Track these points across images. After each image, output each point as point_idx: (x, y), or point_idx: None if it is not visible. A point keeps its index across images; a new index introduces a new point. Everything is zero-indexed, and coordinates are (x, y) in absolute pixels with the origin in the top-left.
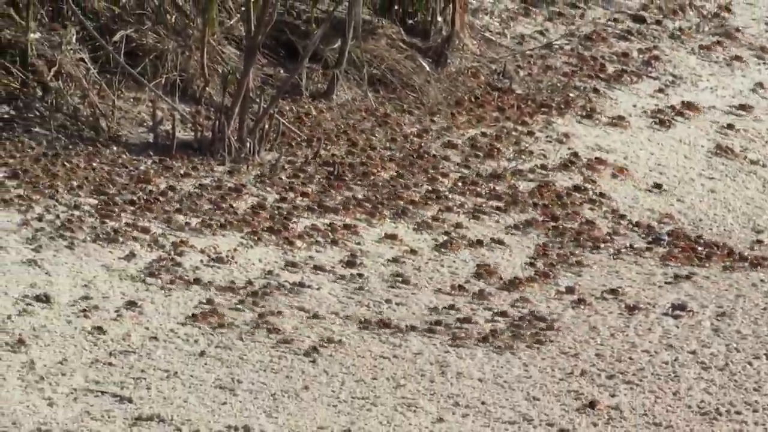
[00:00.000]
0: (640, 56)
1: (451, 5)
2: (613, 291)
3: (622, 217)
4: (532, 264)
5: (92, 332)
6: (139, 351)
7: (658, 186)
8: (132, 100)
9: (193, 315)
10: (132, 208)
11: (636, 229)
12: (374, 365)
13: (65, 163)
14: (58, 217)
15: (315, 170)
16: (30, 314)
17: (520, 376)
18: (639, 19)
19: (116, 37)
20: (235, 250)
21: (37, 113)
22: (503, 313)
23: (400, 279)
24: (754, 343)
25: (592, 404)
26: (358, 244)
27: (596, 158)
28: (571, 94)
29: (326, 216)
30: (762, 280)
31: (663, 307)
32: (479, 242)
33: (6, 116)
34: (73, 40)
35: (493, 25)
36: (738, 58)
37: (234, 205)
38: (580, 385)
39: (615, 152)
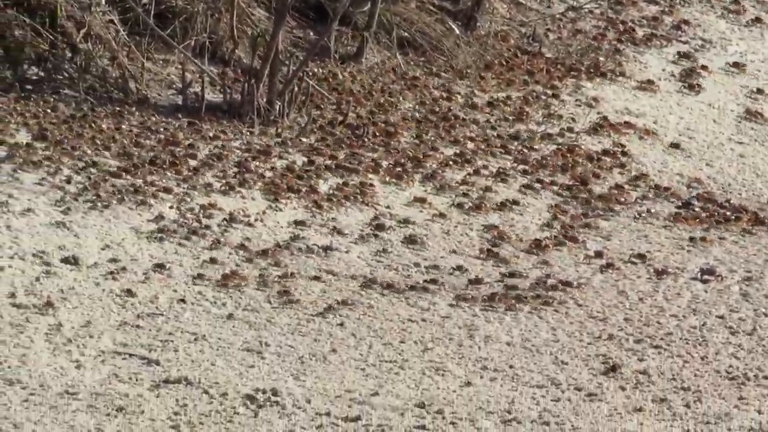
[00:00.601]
0: (670, 20)
1: None
2: (641, 255)
3: (651, 181)
4: (559, 228)
5: (120, 294)
6: (166, 313)
7: (676, 146)
8: (161, 62)
9: (222, 277)
10: (161, 170)
11: (665, 193)
12: (402, 328)
13: (93, 124)
14: (86, 178)
15: (343, 133)
16: (58, 276)
17: (548, 340)
18: None
19: None
20: (263, 212)
21: (66, 75)
22: (531, 276)
23: (427, 242)
24: None
25: (614, 368)
26: (387, 207)
27: (625, 122)
28: (600, 58)
29: (355, 178)
30: None
31: (692, 271)
32: (506, 205)
33: (35, 77)
34: (103, 2)
35: None
36: (758, 20)
37: (263, 166)
38: (608, 350)
39: (644, 116)
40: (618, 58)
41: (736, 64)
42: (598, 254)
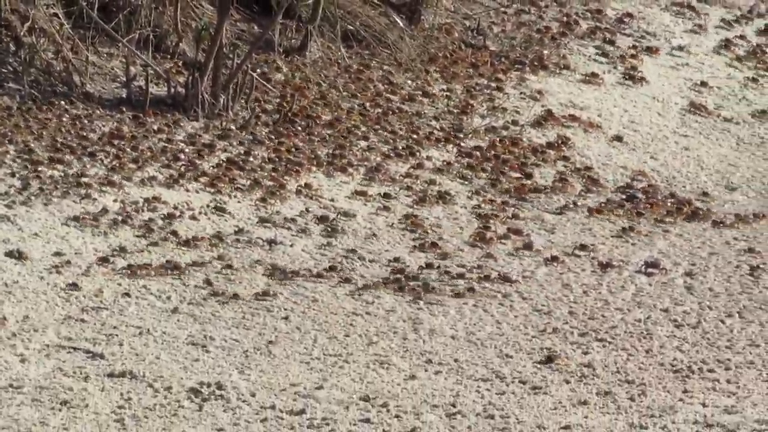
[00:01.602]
0: (614, 13)
1: None
2: (584, 248)
3: (595, 173)
4: (503, 221)
5: (64, 288)
6: (111, 307)
7: (619, 138)
8: (105, 55)
9: (165, 271)
10: (105, 163)
11: (608, 185)
12: (347, 322)
13: (37, 118)
14: (30, 172)
15: (286, 126)
16: (2, 270)
17: (493, 333)
18: None
19: None
20: (207, 205)
21: (10, 68)
22: (475, 269)
23: (372, 236)
24: (727, 301)
25: (550, 359)
26: (331, 200)
27: (569, 115)
28: (544, 51)
29: (299, 172)
30: (735, 238)
31: (636, 264)
32: (450, 198)
33: None
34: None
35: None
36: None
37: (207, 159)
38: (553, 343)
39: (588, 109)
40: (562, 51)
41: (679, 56)
42: (542, 247)
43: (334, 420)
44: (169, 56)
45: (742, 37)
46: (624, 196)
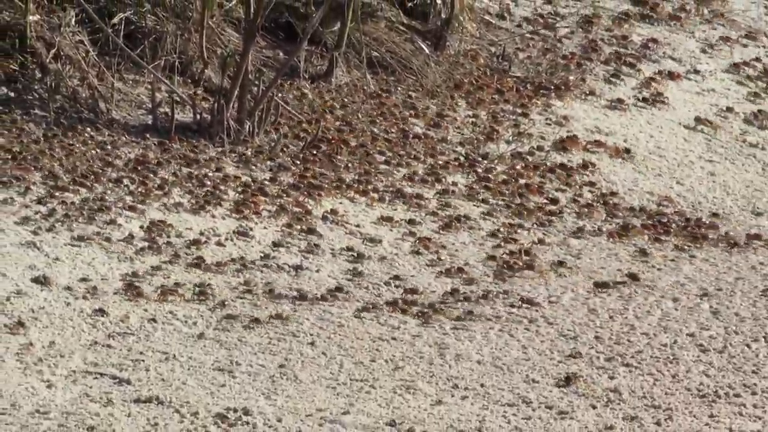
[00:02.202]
0: (639, 38)
1: None
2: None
3: (621, 199)
4: (528, 246)
5: (91, 314)
6: (137, 333)
7: (627, 151)
8: (131, 82)
9: (191, 296)
10: (130, 189)
11: (635, 211)
12: (373, 347)
13: (64, 145)
14: (56, 199)
15: (313, 152)
16: (29, 296)
17: (519, 358)
18: (638, 2)
19: (115, 20)
20: (234, 231)
21: (36, 95)
22: (501, 294)
23: (397, 261)
24: (753, 325)
25: (567, 379)
26: (357, 226)
27: (595, 141)
28: (570, 77)
29: (324, 197)
30: (761, 263)
31: (662, 289)
32: (475, 223)
33: (5, 98)
34: (72, 22)
35: (493, 7)
36: (727, 39)
37: (232, 186)
38: (579, 368)
39: (614, 135)
40: (587, 77)
41: (704, 82)
42: (568, 272)
43: None
44: (194, 83)
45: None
46: (650, 221)
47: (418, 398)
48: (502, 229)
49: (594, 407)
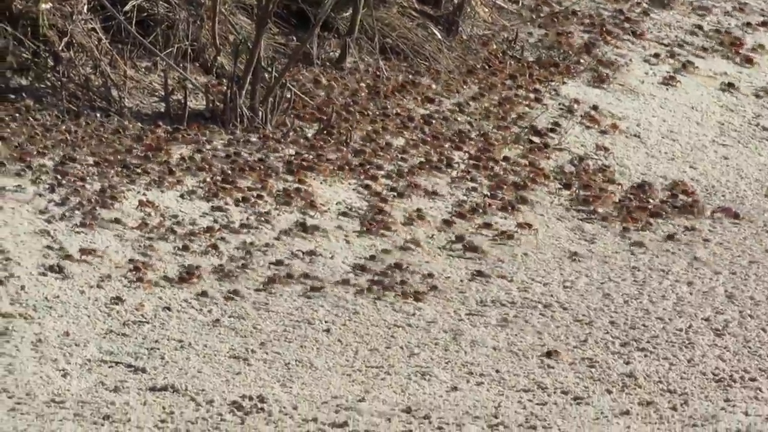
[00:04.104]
0: (652, 22)
1: None
2: (624, 257)
3: (633, 183)
4: (542, 231)
5: (106, 303)
6: (152, 321)
7: (637, 136)
8: (143, 70)
9: (205, 284)
10: (144, 177)
11: (648, 194)
12: (388, 334)
13: (76, 133)
14: (69, 186)
15: (326, 138)
16: (43, 285)
17: (534, 343)
18: None
19: (127, 7)
20: (248, 218)
21: (49, 83)
22: (514, 278)
23: (412, 247)
24: None
25: (549, 354)
26: (370, 211)
27: (609, 125)
28: (582, 61)
29: (338, 183)
30: None
31: (676, 273)
32: (487, 209)
33: (17, 86)
34: (85, 10)
35: None
36: (749, 24)
37: (245, 173)
38: (594, 353)
39: (627, 119)
40: (601, 61)
41: (718, 65)
42: (582, 257)
43: None
44: (207, 70)
45: None
46: (663, 206)
47: (434, 384)
48: (516, 215)
49: (609, 392)
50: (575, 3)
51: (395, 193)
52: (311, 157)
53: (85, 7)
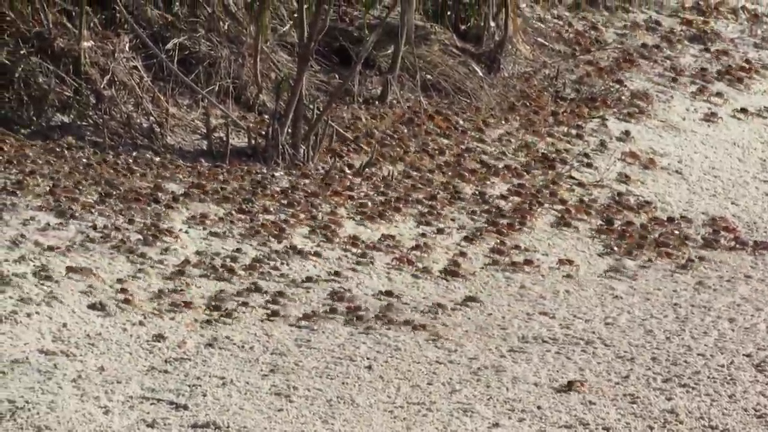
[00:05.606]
0: (692, 59)
1: (504, 10)
2: (666, 294)
3: (675, 220)
4: (585, 268)
5: (148, 340)
6: (194, 358)
7: (678, 173)
8: (185, 107)
9: (247, 321)
10: (186, 214)
11: (690, 231)
12: (429, 370)
13: (118, 170)
14: (111, 223)
15: (368, 175)
16: (85, 322)
17: (575, 380)
18: (688, 22)
19: (169, 45)
20: (287, 254)
21: (91, 121)
22: (559, 317)
23: (457, 283)
24: None
25: (570, 384)
26: (413, 249)
27: (650, 160)
28: (623, 97)
29: (381, 220)
30: None
31: (718, 310)
32: (531, 246)
33: (60, 124)
34: (126, 48)
35: (546, 30)
36: None
37: (288, 210)
38: (636, 389)
39: (669, 155)
40: (642, 97)
41: (759, 102)
42: (624, 293)
43: None
44: (248, 107)
45: None
46: (704, 242)
47: (476, 421)
48: (559, 251)
49: (651, 428)
50: (616, 42)
51: (435, 229)
52: (354, 194)
53: (127, 45)
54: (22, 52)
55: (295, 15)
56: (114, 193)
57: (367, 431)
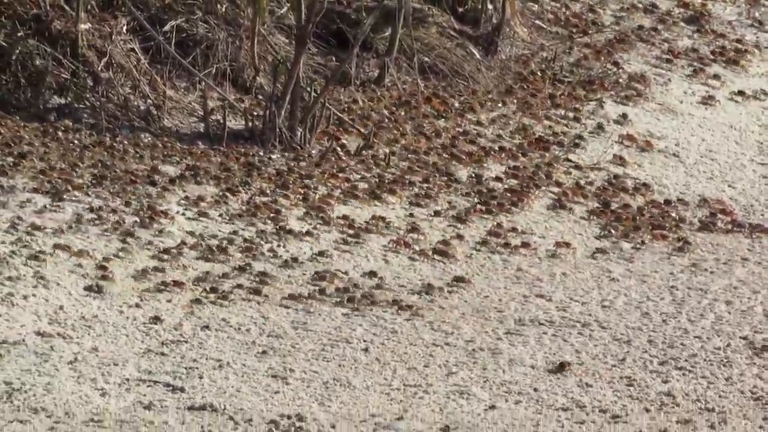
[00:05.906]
0: (690, 42)
1: None
2: (663, 276)
3: (672, 202)
4: (581, 250)
5: (144, 322)
6: (191, 340)
7: (675, 155)
8: (182, 90)
9: (244, 303)
10: (183, 196)
11: (686, 213)
12: (426, 353)
13: (116, 152)
14: (108, 206)
15: (365, 157)
16: (82, 304)
17: (572, 362)
18: (685, 4)
19: (166, 27)
20: (283, 237)
21: (88, 103)
22: (555, 300)
23: (452, 265)
24: None
25: (561, 365)
26: (410, 230)
27: (647, 143)
28: (620, 80)
29: (377, 202)
30: None
31: (715, 292)
32: (527, 228)
33: (57, 106)
34: (124, 31)
35: (544, 12)
36: None
37: (285, 192)
38: (632, 371)
39: (666, 138)
40: (639, 80)
41: (757, 84)
42: (621, 276)
43: None
44: (246, 90)
45: None
46: (701, 225)
47: (472, 403)
48: (555, 234)
49: (648, 411)
50: (613, 24)
51: (431, 211)
52: (351, 176)
53: (125, 27)
54: (19, 34)
55: None
56: (110, 175)
57: (363, 413)
